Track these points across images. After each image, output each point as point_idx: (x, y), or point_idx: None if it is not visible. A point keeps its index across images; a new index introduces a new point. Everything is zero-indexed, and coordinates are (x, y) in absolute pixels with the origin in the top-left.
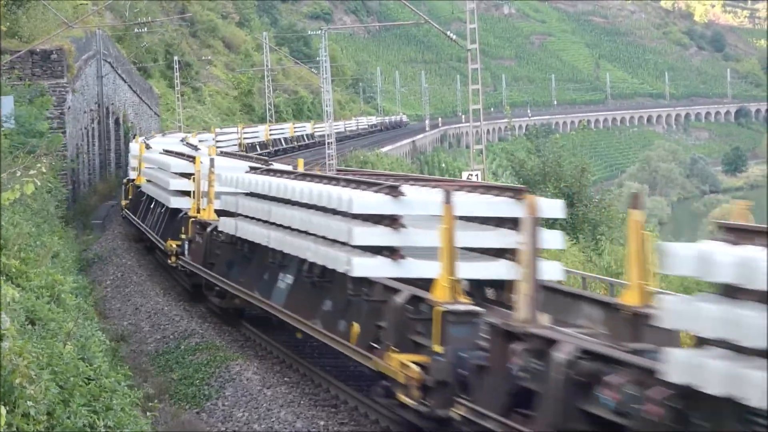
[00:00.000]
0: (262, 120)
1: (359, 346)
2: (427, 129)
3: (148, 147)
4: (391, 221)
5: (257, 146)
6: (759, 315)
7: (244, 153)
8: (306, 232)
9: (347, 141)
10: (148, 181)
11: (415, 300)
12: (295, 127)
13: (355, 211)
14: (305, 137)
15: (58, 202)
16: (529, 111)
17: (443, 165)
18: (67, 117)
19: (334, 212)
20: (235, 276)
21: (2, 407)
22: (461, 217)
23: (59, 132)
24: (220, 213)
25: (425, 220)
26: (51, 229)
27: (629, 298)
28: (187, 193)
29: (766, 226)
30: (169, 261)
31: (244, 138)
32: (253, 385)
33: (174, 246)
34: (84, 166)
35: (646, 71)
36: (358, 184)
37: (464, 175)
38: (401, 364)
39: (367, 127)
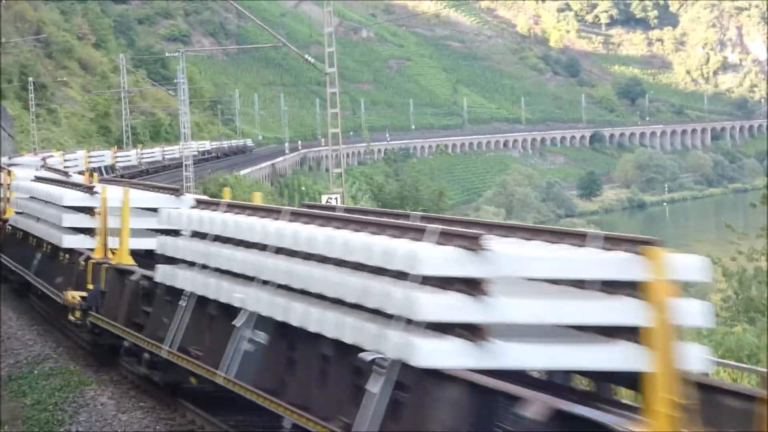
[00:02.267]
0: (119, 142)
1: (60, 290)
2: (287, 152)
3: None
4: (89, 210)
5: None
6: (186, 243)
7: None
8: (45, 221)
9: (166, 171)
10: None
11: (87, 258)
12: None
13: (65, 204)
14: (103, 170)
15: None
16: (387, 135)
17: (303, 188)
18: None
19: (56, 206)
20: (20, 260)
21: None
22: (138, 208)
23: None
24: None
25: (117, 211)
26: None
27: None
28: None
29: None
30: None
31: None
32: (108, 410)
33: None
34: None
35: (503, 96)
36: (74, 187)
37: (324, 199)
38: (72, 296)
39: (196, 153)
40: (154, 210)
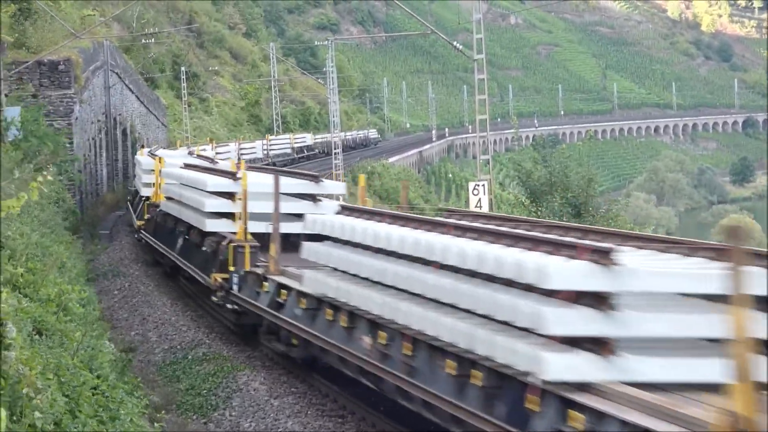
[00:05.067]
0: (269, 131)
1: (205, 273)
2: (434, 139)
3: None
4: (230, 196)
5: None
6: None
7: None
8: (187, 205)
9: (316, 159)
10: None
11: (229, 242)
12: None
13: (209, 189)
14: None
15: (65, 212)
16: (536, 121)
17: (450, 175)
18: (75, 128)
19: (200, 190)
20: (164, 240)
21: (2, 410)
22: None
23: (67, 143)
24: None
25: (262, 196)
26: (58, 239)
27: None
28: (150, 185)
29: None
30: (136, 236)
31: None
32: (260, 395)
33: (139, 223)
34: (91, 176)
35: (653, 81)
36: (213, 171)
37: (471, 186)
38: (215, 278)
39: (289, 151)
40: (295, 195)
